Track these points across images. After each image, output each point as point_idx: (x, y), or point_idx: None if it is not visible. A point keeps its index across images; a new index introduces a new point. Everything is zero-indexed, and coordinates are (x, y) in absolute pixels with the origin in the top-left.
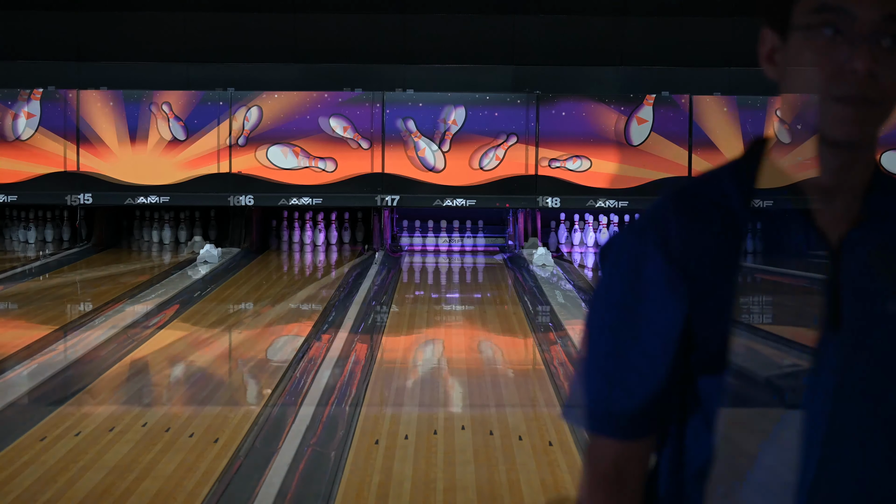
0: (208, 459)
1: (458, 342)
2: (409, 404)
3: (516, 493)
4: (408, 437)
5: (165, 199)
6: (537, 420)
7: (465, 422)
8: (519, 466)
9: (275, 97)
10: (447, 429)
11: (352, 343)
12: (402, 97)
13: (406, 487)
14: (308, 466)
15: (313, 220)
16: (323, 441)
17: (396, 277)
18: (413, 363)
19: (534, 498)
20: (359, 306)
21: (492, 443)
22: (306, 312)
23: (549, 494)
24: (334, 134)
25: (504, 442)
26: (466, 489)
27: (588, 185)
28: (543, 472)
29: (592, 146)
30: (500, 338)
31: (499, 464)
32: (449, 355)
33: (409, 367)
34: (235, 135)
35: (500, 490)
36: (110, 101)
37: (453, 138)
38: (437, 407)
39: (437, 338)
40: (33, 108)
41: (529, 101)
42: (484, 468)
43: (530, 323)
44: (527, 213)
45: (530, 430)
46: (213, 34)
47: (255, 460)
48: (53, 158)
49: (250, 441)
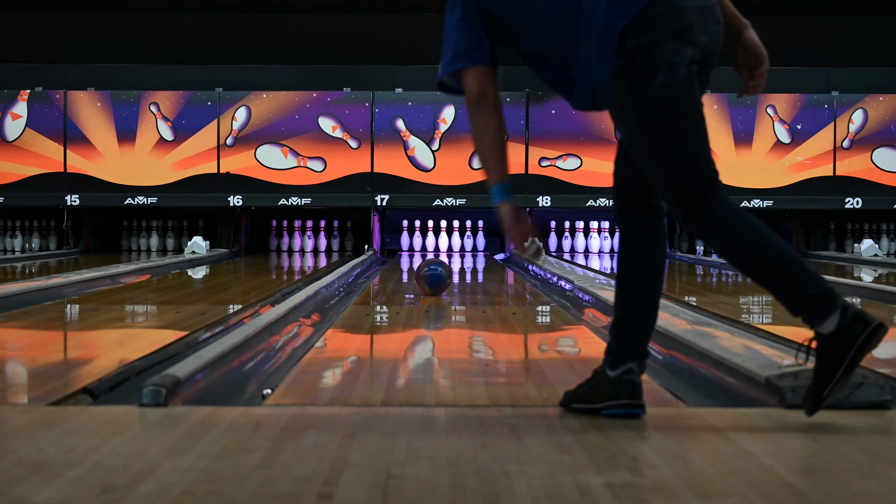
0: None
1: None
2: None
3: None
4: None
5: (153, 199)
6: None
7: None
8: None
9: (263, 97)
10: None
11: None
12: (392, 96)
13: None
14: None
15: (302, 227)
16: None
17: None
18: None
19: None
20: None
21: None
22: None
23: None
24: (324, 133)
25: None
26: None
27: (579, 183)
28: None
29: (583, 144)
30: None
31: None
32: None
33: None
34: (224, 135)
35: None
36: (98, 101)
37: (443, 137)
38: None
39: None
40: (20, 110)
41: (519, 99)
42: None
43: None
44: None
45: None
46: (202, 35)
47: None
48: (41, 160)
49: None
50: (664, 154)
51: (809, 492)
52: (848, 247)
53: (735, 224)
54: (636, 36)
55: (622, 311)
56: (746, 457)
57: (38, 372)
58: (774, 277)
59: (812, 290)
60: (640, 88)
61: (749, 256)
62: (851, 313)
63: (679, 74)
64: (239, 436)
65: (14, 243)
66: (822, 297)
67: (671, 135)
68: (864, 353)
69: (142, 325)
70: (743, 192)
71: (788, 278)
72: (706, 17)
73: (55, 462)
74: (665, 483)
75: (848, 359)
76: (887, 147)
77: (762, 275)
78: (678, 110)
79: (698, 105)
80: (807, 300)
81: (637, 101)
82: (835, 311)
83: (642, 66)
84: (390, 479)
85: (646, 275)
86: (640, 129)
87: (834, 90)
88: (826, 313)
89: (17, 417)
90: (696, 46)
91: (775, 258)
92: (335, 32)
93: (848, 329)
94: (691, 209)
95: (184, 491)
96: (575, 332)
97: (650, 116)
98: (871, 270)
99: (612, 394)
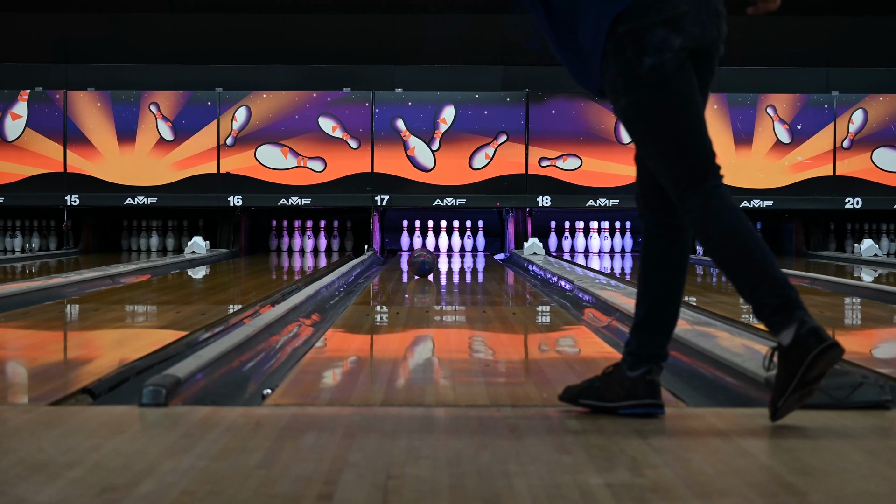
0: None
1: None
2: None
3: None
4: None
5: (153, 199)
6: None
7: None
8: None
9: (263, 97)
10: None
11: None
12: (392, 96)
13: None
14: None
15: (302, 227)
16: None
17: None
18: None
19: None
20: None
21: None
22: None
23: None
24: (324, 133)
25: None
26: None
27: (579, 183)
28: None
29: (583, 144)
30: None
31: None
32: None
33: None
34: (224, 135)
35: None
36: (98, 101)
37: (443, 137)
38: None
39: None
40: (20, 110)
41: (520, 99)
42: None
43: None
44: (517, 220)
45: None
46: (202, 35)
47: None
48: (41, 160)
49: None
50: (658, 135)
51: (809, 492)
52: (848, 247)
53: (719, 215)
54: (628, 21)
55: (644, 313)
56: (746, 457)
57: (38, 372)
58: (740, 279)
59: (771, 300)
60: (629, 71)
61: (721, 251)
62: (807, 328)
63: (667, 59)
64: (239, 436)
65: (14, 243)
66: (780, 309)
67: (663, 117)
68: (815, 370)
69: (142, 325)
70: (743, 192)
71: (752, 283)
72: (701, 8)
73: (55, 462)
74: (665, 483)
75: (799, 374)
76: (887, 147)
77: (730, 273)
78: (667, 92)
79: (689, 90)
80: (765, 308)
81: (627, 84)
82: (791, 325)
83: (631, 50)
84: (390, 479)
85: (668, 276)
86: (631, 112)
87: (834, 90)
88: (782, 325)
89: (17, 417)
90: (686, 36)
91: (745, 260)
92: (335, 32)
93: (803, 344)
94: (683, 191)
95: (184, 491)
96: (575, 332)
97: (640, 99)
98: (871, 270)
99: (632, 393)
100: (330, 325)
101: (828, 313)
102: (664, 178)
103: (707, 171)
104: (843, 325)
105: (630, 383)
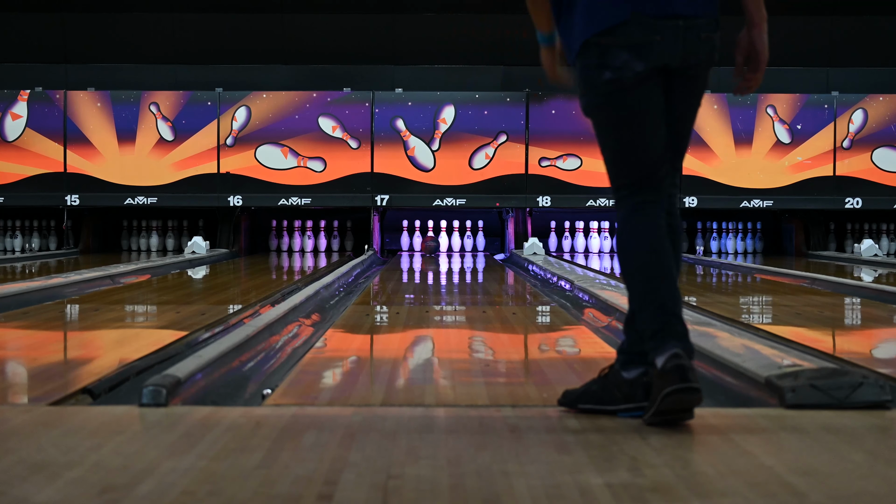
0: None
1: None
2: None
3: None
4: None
5: (153, 199)
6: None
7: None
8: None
9: (263, 97)
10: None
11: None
12: (392, 96)
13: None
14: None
15: (302, 228)
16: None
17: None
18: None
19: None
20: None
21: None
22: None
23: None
24: (324, 133)
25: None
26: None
27: (579, 183)
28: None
29: (583, 144)
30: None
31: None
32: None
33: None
34: (224, 135)
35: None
36: (98, 101)
37: (443, 137)
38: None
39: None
40: (20, 110)
41: (520, 99)
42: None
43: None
44: (517, 220)
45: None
46: (202, 35)
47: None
48: (41, 160)
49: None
50: (604, 141)
51: (809, 492)
52: (848, 247)
53: (631, 232)
54: (600, 35)
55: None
56: (746, 457)
57: (38, 372)
58: (631, 297)
59: (647, 327)
60: (589, 77)
61: (623, 265)
62: (673, 364)
63: (626, 76)
64: (239, 436)
65: (14, 243)
66: (654, 336)
67: (611, 126)
68: (668, 404)
69: (142, 325)
70: (743, 192)
71: (636, 305)
72: (678, 37)
73: (55, 462)
74: (665, 483)
75: (656, 405)
76: (887, 147)
77: (626, 288)
78: (619, 105)
79: (643, 107)
80: (645, 331)
81: (585, 89)
82: (662, 354)
83: (594, 60)
84: (390, 479)
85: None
86: (587, 112)
87: (834, 90)
88: (656, 352)
89: (17, 417)
90: (650, 63)
91: (638, 282)
92: (335, 32)
93: (667, 375)
94: (616, 197)
95: (184, 491)
96: (575, 332)
97: (595, 104)
98: (871, 270)
99: (630, 396)
100: (330, 325)
101: (828, 313)
102: (609, 178)
103: (640, 186)
104: (843, 325)
105: (628, 386)
